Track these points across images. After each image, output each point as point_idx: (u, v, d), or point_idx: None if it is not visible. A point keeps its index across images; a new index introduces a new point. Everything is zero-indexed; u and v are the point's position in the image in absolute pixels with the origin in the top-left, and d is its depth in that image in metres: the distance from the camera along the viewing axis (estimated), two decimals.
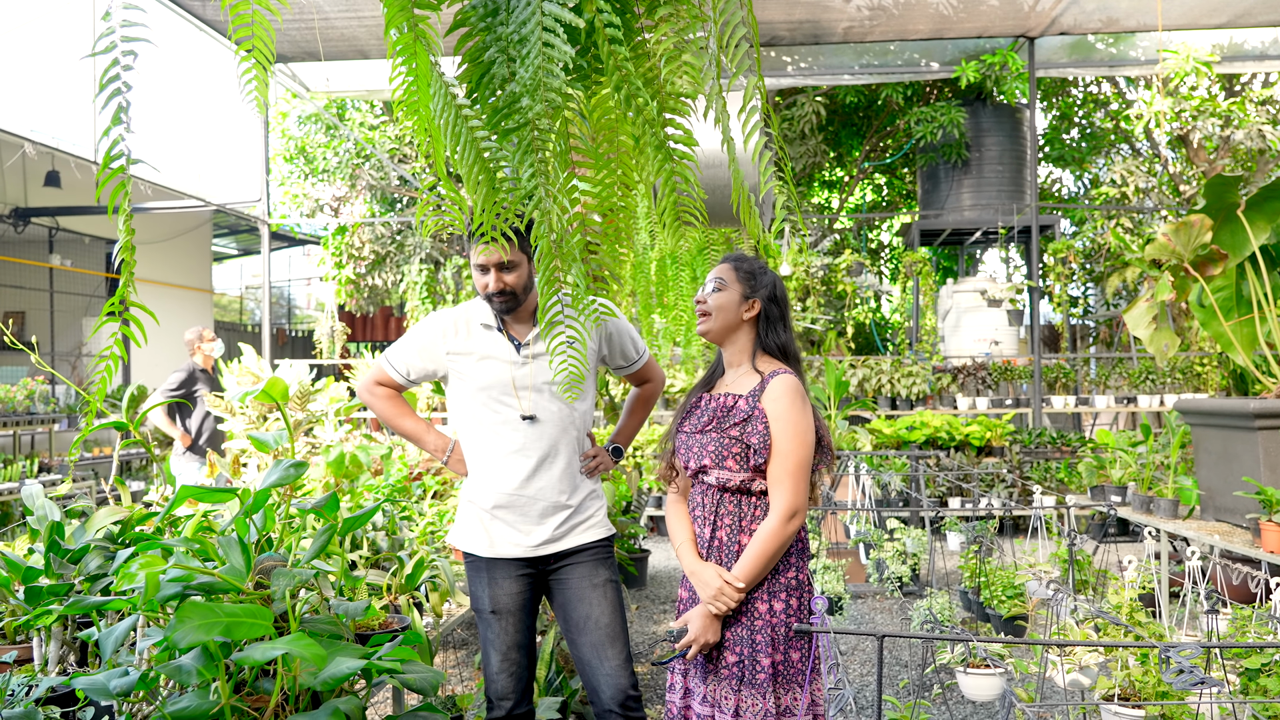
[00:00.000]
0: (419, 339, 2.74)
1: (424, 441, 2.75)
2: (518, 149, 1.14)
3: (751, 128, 1.19)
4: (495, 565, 2.62)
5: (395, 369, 2.74)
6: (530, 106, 1.08)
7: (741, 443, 2.27)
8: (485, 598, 2.63)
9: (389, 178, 12.44)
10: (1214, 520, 5.16)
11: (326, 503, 1.67)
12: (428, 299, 10.97)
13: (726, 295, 2.38)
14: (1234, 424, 4.95)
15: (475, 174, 1.22)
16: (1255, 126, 10.00)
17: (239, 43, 1.33)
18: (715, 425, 2.32)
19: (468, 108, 1.25)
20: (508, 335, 2.67)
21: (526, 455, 2.61)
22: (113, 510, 2.28)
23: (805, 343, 11.39)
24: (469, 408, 2.67)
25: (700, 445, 2.34)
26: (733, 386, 2.38)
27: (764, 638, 2.21)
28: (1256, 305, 5.28)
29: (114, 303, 1.23)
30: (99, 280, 12.30)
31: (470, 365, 2.65)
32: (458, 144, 1.23)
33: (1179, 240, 5.27)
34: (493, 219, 1.26)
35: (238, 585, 1.45)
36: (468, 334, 2.69)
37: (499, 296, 2.61)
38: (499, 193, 1.22)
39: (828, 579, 4.22)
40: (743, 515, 2.30)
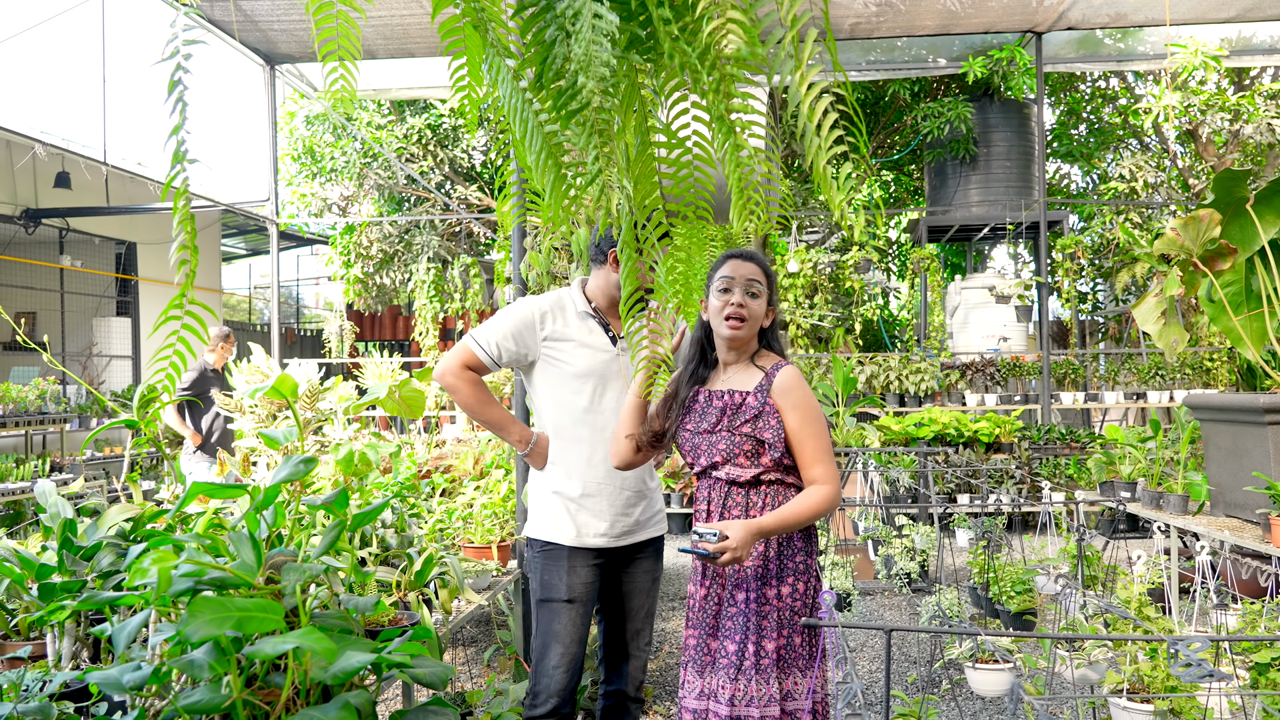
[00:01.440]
0: (514, 320, 2.71)
1: (508, 432, 2.73)
2: (583, 132, 1.11)
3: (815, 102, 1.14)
4: (576, 554, 2.66)
5: (485, 350, 2.70)
6: (585, 84, 1.06)
7: (753, 439, 2.28)
8: (563, 586, 2.65)
9: (396, 177, 12.47)
10: (1224, 516, 5.14)
11: (336, 499, 1.68)
12: (435, 298, 10.99)
13: (760, 303, 2.35)
14: (1244, 419, 4.94)
15: (543, 161, 1.20)
16: (1265, 120, 9.95)
17: (323, 44, 1.32)
18: (725, 424, 2.30)
19: (531, 92, 1.22)
20: (604, 327, 2.71)
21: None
22: (124, 508, 2.30)
23: (813, 340, 11.38)
24: (561, 394, 2.68)
25: (709, 444, 2.32)
26: (734, 383, 2.36)
27: (770, 622, 2.24)
28: (1266, 300, 5.26)
29: (176, 301, 1.23)
30: (109, 281, 12.36)
31: (569, 351, 2.67)
32: (524, 131, 1.22)
33: (1188, 235, 5.25)
34: (561, 208, 1.25)
35: (249, 580, 1.47)
36: (565, 320, 2.70)
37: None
38: (565, 180, 1.20)
39: (836, 575, 4.22)
40: (750, 505, 2.31)
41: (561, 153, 1.19)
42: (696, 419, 2.37)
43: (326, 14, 1.26)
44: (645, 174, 1.23)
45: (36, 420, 8.57)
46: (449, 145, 12.59)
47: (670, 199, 1.26)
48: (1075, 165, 13.67)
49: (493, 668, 4.25)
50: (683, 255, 1.31)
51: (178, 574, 1.41)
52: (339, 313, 11.56)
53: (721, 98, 1.09)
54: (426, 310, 11.01)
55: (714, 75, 1.08)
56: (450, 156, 12.52)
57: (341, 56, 1.26)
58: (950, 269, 15.23)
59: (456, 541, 4.16)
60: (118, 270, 12.48)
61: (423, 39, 9.39)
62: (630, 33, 1.15)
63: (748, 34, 1.06)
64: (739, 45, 1.06)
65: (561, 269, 10.13)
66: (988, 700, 4.02)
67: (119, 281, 12.50)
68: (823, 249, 10.44)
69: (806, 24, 1.11)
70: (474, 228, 12.73)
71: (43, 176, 10.60)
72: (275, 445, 1.68)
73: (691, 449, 2.36)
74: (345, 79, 1.28)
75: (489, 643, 5.01)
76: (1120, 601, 2.57)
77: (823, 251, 9.92)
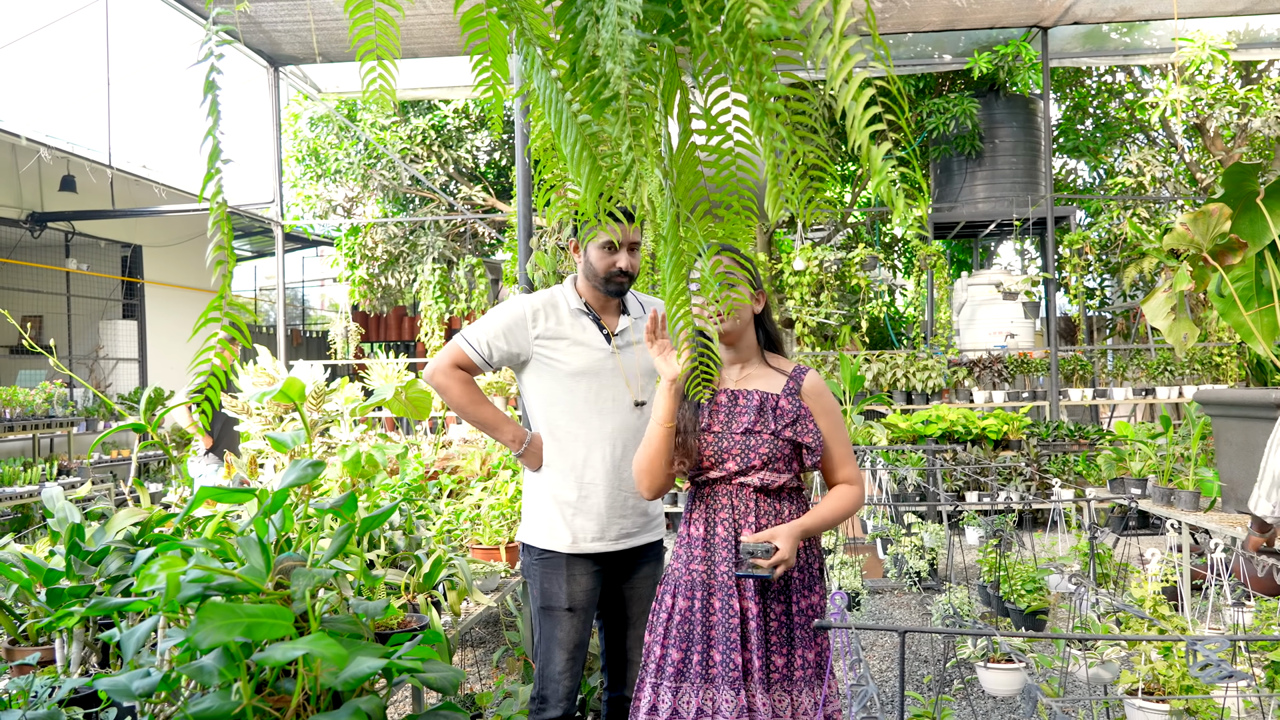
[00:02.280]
0: (505, 319, 2.65)
1: (501, 432, 2.66)
2: (617, 122, 1.09)
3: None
4: (575, 561, 2.59)
5: (476, 349, 2.63)
6: (612, 70, 1.03)
7: (793, 443, 2.23)
8: (563, 594, 2.58)
9: (401, 178, 12.47)
10: (1236, 512, 5.11)
11: (345, 502, 1.67)
12: (441, 298, 10.99)
13: (745, 292, 2.27)
14: (1256, 414, 4.91)
15: (578, 153, 1.18)
16: (1273, 114, 9.89)
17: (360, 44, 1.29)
18: (765, 426, 2.21)
19: (564, 83, 1.20)
20: (598, 324, 2.65)
21: (616, 443, 2.59)
22: (132, 512, 2.29)
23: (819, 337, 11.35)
24: (556, 393, 2.62)
25: (746, 447, 2.21)
26: (756, 383, 2.29)
27: (807, 632, 2.20)
28: (1277, 294, 5.22)
29: (216, 303, 1.21)
30: (115, 284, 12.38)
31: (562, 350, 2.61)
32: (559, 123, 1.19)
33: (1197, 229, 5.21)
34: (598, 200, 1.22)
35: (258, 585, 1.45)
36: (558, 318, 2.64)
37: (619, 277, 2.58)
38: (601, 171, 1.17)
39: (845, 574, 4.20)
40: (779, 514, 2.24)
41: (596, 143, 1.17)
42: (725, 418, 2.24)
43: (364, 13, 1.24)
44: (688, 164, 1.20)
45: (44, 424, 8.58)
46: (453, 146, 12.59)
47: (712, 188, 1.24)
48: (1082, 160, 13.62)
49: (501, 669, 4.24)
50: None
51: (186, 579, 1.40)
52: (344, 314, 11.57)
53: (754, 79, 1.06)
54: (432, 311, 11.01)
55: (744, 54, 1.05)
56: (455, 157, 12.52)
57: (380, 56, 1.24)
58: (956, 265, 15.18)
59: (464, 543, 4.15)
60: (123, 273, 12.50)
61: (426, 40, 9.38)
62: (662, 14, 1.11)
63: (773, 6, 1.03)
64: (764, 19, 1.02)
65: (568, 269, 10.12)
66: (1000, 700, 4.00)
67: (125, 284, 12.52)
68: (828, 246, 10.41)
69: None
70: (479, 228, 12.73)
71: (48, 180, 10.62)
72: (283, 449, 1.67)
73: (719, 452, 2.22)
74: (384, 78, 1.27)
75: (497, 644, 5.00)
76: (1134, 600, 2.54)
77: (829, 249, 9.89)
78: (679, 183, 1.21)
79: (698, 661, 2.16)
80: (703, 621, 2.18)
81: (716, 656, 2.15)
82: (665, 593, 2.28)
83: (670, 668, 2.18)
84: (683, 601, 2.21)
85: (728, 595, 2.17)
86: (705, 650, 2.16)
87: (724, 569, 2.19)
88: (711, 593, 2.19)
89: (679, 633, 2.19)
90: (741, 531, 2.21)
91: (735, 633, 2.14)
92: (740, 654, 2.13)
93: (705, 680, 2.14)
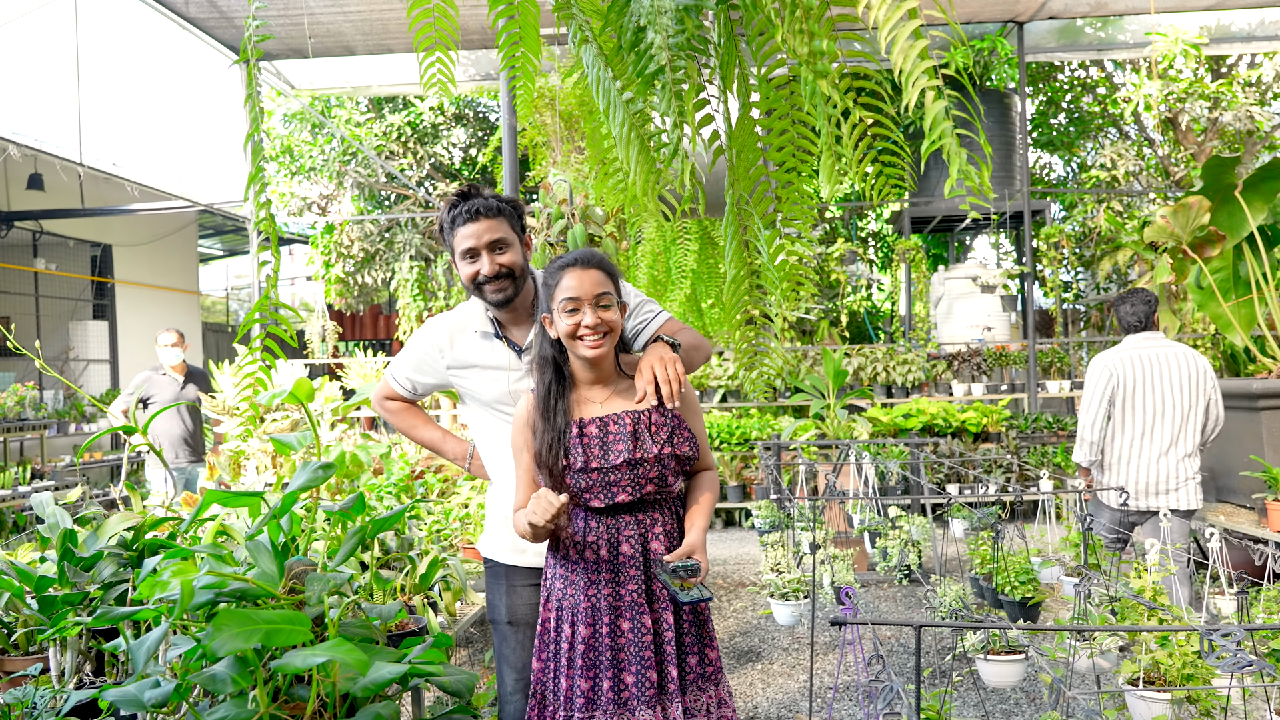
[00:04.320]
0: (414, 355, 2.54)
1: (443, 450, 2.61)
2: (664, 97, 1.05)
3: None
4: (515, 573, 2.46)
5: (400, 385, 2.57)
6: (653, 40, 0.99)
7: (675, 458, 2.12)
8: (502, 607, 2.46)
9: (376, 174, 12.35)
10: (1216, 501, 5.17)
11: (354, 504, 1.63)
12: (419, 296, 10.89)
13: (614, 311, 2.11)
14: (1236, 405, 4.96)
15: (626, 133, 1.13)
16: (1245, 108, 10.03)
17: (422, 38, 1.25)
18: (645, 451, 2.08)
19: (610, 64, 1.15)
20: (507, 342, 2.44)
21: None
22: (124, 516, 2.24)
23: (798, 332, 11.38)
24: (479, 419, 2.52)
25: (636, 476, 2.08)
26: (622, 402, 2.16)
27: (709, 630, 2.18)
28: (1255, 285, 5.28)
29: (261, 303, 1.17)
30: (85, 284, 12.17)
31: (473, 380, 2.45)
32: (606, 103, 1.15)
33: (1177, 222, 5.26)
34: (647, 181, 1.18)
35: (271, 591, 1.42)
36: (464, 345, 2.46)
37: (495, 281, 2.33)
38: (650, 151, 1.13)
39: (837, 569, 4.20)
40: (676, 515, 2.20)
41: (644, 122, 1.13)
42: (600, 452, 2.09)
43: (424, 9, 1.21)
44: (748, 144, 1.17)
45: (15, 427, 8.42)
46: (429, 142, 12.48)
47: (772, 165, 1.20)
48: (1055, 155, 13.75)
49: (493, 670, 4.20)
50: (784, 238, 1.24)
51: (198, 585, 1.36)
52: (321, 313, 11.43)
53: (803, 38, 1.03)
54: (410, 309, 10.91)
55: (793, 10, 1.02)
56: (431, 153, 12.41)
57: (439, 47, 1.21)
58: (932, 260, 15.29)
59: (455, 542, 4.11)
60: (93, 273, 12.29)
61: (402, 34, 9.28)
62: None
63: None
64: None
65: None
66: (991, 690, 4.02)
67: (95, 284, 12.31)
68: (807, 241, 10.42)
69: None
70: None
71: (15, 178, 10.41)
72: (287, 451, 1.63)
73: (608, 486, 2.08)
74: (443, 66, 1.23)
75: (487, 643, 4.95)
76: (1136, 590, 2.55)
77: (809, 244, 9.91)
78: (739, 163, 1.17)
79: (609, 688, 2.05)
80: (610, 646, 2.07)
81: (629, 679, 2.06)
82: (560, 620, 2.13)
83: (580, 698, 2.05)
84: (584, 629, 2.08)
85: (638, 613, 2.08)
86: (616, 675, 2.06)
87: (632, 588, 2.10)
88: (619, 615, 2.09)
89: (584, 661, 2.07)
90: (650, 544, 2.12)
91: (649, 650, 2.06)
92: (654, 671, 2.06)
93: (618, 705, 2.05)
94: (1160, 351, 4.33)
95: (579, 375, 2.17)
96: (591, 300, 2.06)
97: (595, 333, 2.07)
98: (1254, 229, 5.23)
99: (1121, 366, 4.36)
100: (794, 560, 4.40)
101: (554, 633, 2.15)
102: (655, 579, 2.10)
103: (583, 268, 2.09)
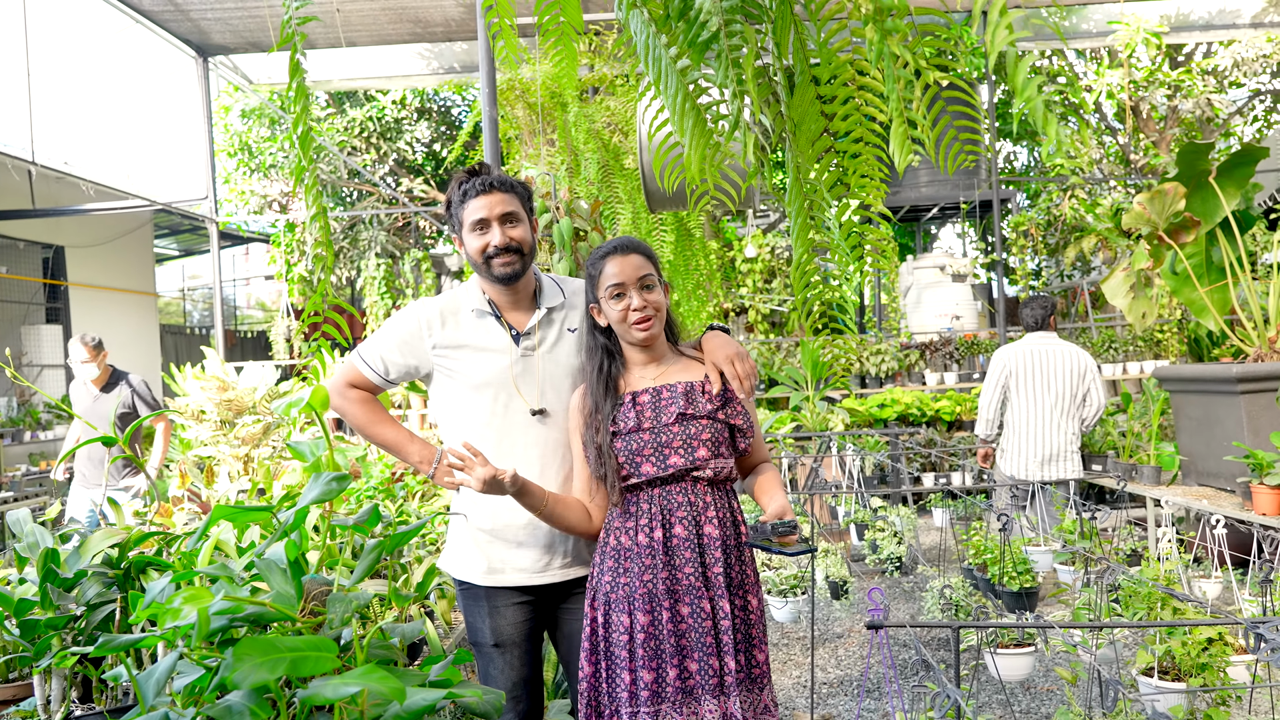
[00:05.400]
0: (400, 331, 2.35)
1: (406, 453, 2.34)
2: (720, 66, 0.97)
3: None
4: (495, 593, 2.28)
5: (371, 367, 2.35)
6: (702, 4, 0.91)
7: (728, 425, 2.13)
8: (485, 629, 2.29)
9: (339, 171, 12.11)
10: (1197, 485, 5.22)
11: (368, 517, 1.54)
12: (386, 294, 10.70)
13: (658, 292, 2.16)
14: (1215, 389, 5.00)
15: (681, 104, 1.05)
16: (1205, 96, 10.17)
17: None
18: (697, 410, 2.10)
19: (660, 29, 1.07)
20: (505, 324, 2.32)
21: (531, 460, 2.26)
22: (108, 532, 2.12)
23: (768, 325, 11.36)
24: (461, 409, 2.33)
25: (689, 435, 2.08)
26: (676, 376, 2.17)
27: (759, 631, 2.13)
28: (1230, 270, 5.33)
29: (316, 302, 1.08)
30: (37, 287, 11.80)
31: (463, 360, 2.30)
32: (658, 72, 1.07)
33: (1154, 208, 5.29)
34: (704, 154, 1.09)
35: (290, 614, 1.32)
36: (457, 324, 2.33)
37: (505, 254, 2.25)
38: (706, 122, 1.05)
39: (830, 562, 4.16)
40: (729, 505, 2.16)
41: (700, 93, 1.05)
42: (653, 414, 2.11)
43: None
44: (810, 113, 1.09)
45: None
46: (392, 137, 12.27)
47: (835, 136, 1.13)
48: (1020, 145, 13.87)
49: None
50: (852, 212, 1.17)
51: (214, 610, 1.26)
52: (286, 313, 11.19)
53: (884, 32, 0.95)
54: (378, 307, 10.72)
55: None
56: (394, 148, 12.20)
57: (563, 32, 1.12)
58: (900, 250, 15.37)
59: (440, 547, 4.00)
60: (46, 276, 11.91)
61: (364, 27, 9.09)
62: None
63: None
64: None
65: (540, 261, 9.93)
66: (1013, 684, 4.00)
67: (47, 287, 11.94)
68: (779, 233, 10.41)
69: None
70: (422, 221, 12.44)
71: None
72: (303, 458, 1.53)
73: (659, 448, 2.08)
74: (566, 50, 1.14)
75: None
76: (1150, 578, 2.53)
77: (780, 235, 9.89)
78: (800, 134, 1.10)
79: (674, 676, 2.00)
80: (673, 633, 2.02)
81: (693, 667, 2.01)
82: (611, 612, 2.07)
83: (644, 690, 1.99)
84: (643, 616, 2.02)
85: (697, 598, 2.03)
86: (681, 663, 2.01)
87: (689, 570, 2.05)
88: (678, 600, 2.04)
89: (645, 651, 2.01)
90: (703, 527, 2.09)
91: (710, 636, 2.01)
92: (716, 658, 2.01)
93: (684, 694, 1.99)
94: (1051, 348, 5.16)
95: (631, 358, 2.21)
96: (635, 283, 2.11)
97: (643, 314, 2.11)
98: (1229, 214, 5.27)
99: (1016, 359, 5.17)
100: None
101: (604, 629, 2.09)
102: (748, 547, 2.12)
103: (623, 254, 2.14)
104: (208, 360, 6.03)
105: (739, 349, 2.19)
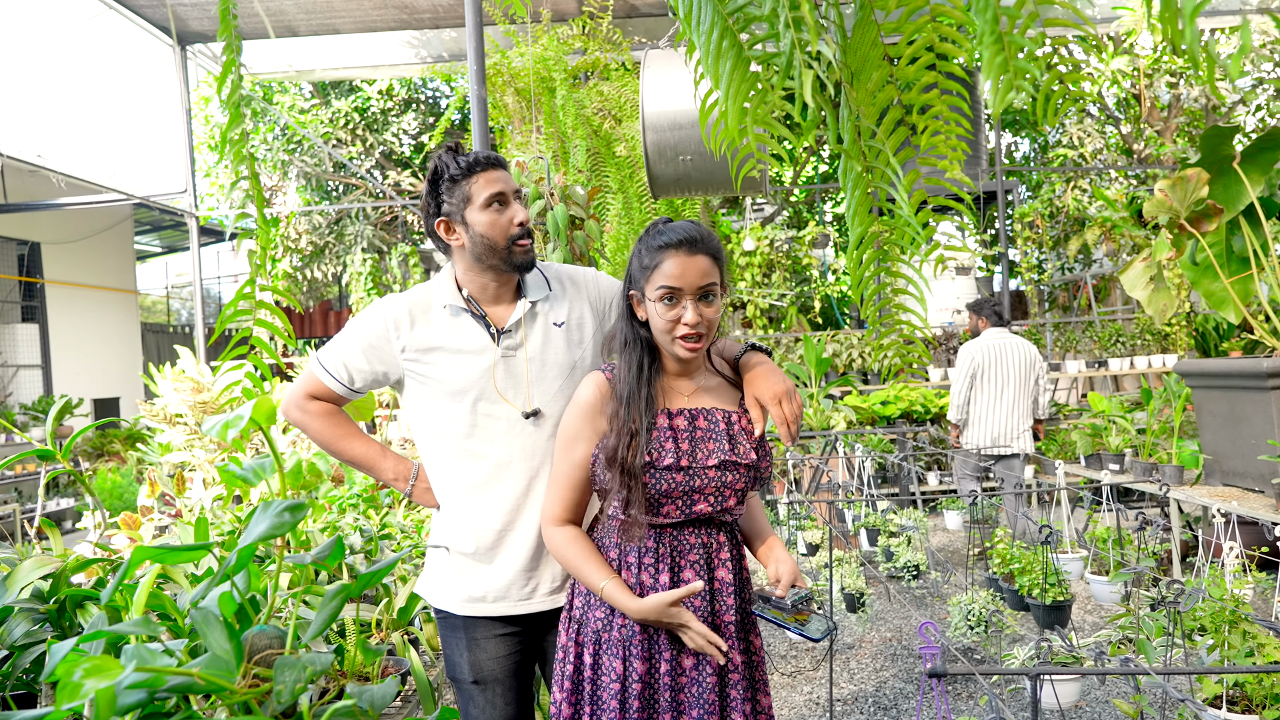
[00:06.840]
0: (365, 333, 2.05)
1: (379, 470, 2.10)
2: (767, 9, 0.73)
3: None
4: (475, 624, 2.04)
5: (333, 375, 2.06)
6: None
7: (756, 469, 1.83)
8: (464, 665, 2.04)
9: (324, 164, 11.79)
10: (1221, 485, 4.98)
11: (331, 552, 1.26)
12: (373, 290, 10.40)
13: (716, 305, 1.80)
14: (1243, 385, 4.77)
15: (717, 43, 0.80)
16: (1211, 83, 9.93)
17: None
18: (739, 456, 1.80)
19: None
20: (484, 322, 2.03)
21: (518, 475, 2.00)
22: (40, 561, 1.84)
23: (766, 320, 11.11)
24: (438, 419, 2.04)
25: (723, 485, 1.79)
26: (712, 398, 1.88)
27: (762, 674, 1.88)
28: (1254, 259, 5.10)
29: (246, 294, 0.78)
30: (12, 285, 11.46)
31: (437, 364, 2.01)
32: (689, 5, 0.82)
33: (1176, 195, 5.04)
34: (751, 112, 0.84)
35: (226, 684, 1.05)
36: (428, 323, 2.03)
37: (524, 241, 2.01)
38: (747, 66, 0.80)
39: (844, 572, 3.90)
40: (737, 543, 1.90)
41: (741, 27, 0.79)
42: (690, 448, 1.78)
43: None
44: (871, 60, 0.84)
45: None
46: (378, 129, 11.95)
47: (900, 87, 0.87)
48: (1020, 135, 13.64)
49: None
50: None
51: (123, 685, 0.98)
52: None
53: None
54: (365, 304, 10.41)
55: None
56: (381, 140, 11.88)
57: None
58: None
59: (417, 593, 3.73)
60: (20, 273, 11.57)
61: (348, 14, 8.79)
62: None
63: None
64: None
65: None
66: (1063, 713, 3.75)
67: (23, 285, 11.60)
68: (777, 225, 10.16)
69: None
70: (410, 215, 12.13)
71: None
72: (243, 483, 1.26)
73: (689, 493, 1.77)
74: None
75: None
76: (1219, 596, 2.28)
77: (779, 228, 9.64)
78: (858, 85, 0.84)
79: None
80: (670, 686, 1.78)
81: None
82: (601, 655, 1.82)
83: None
84: (639, 664, 1.77)
85: (661, 653, 1.79)
86: (676, 718, 1.78)
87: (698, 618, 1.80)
88: (681, 649, 1.79)
89: (640, 702, 1.77)
90: (715, 571, 1.81)
91: (713, 693, 1.76)
92: (718, 716, 1.77)
93: None
94: (1007, 342, 6.00)
95: (665, 364, 1.87)
96: (695, 293, 1.75)
97: (694, 331, 1.76)
98: (1254, 200, 5.03)
99: (981, 352, 5.98)
100: None
101: (591, 670, 1.81)
102: (757, 617, 1.81)
103: (689, 252, 1.74)
104: (182, 360, 5.74)
105: (788, 385, 1.85)
